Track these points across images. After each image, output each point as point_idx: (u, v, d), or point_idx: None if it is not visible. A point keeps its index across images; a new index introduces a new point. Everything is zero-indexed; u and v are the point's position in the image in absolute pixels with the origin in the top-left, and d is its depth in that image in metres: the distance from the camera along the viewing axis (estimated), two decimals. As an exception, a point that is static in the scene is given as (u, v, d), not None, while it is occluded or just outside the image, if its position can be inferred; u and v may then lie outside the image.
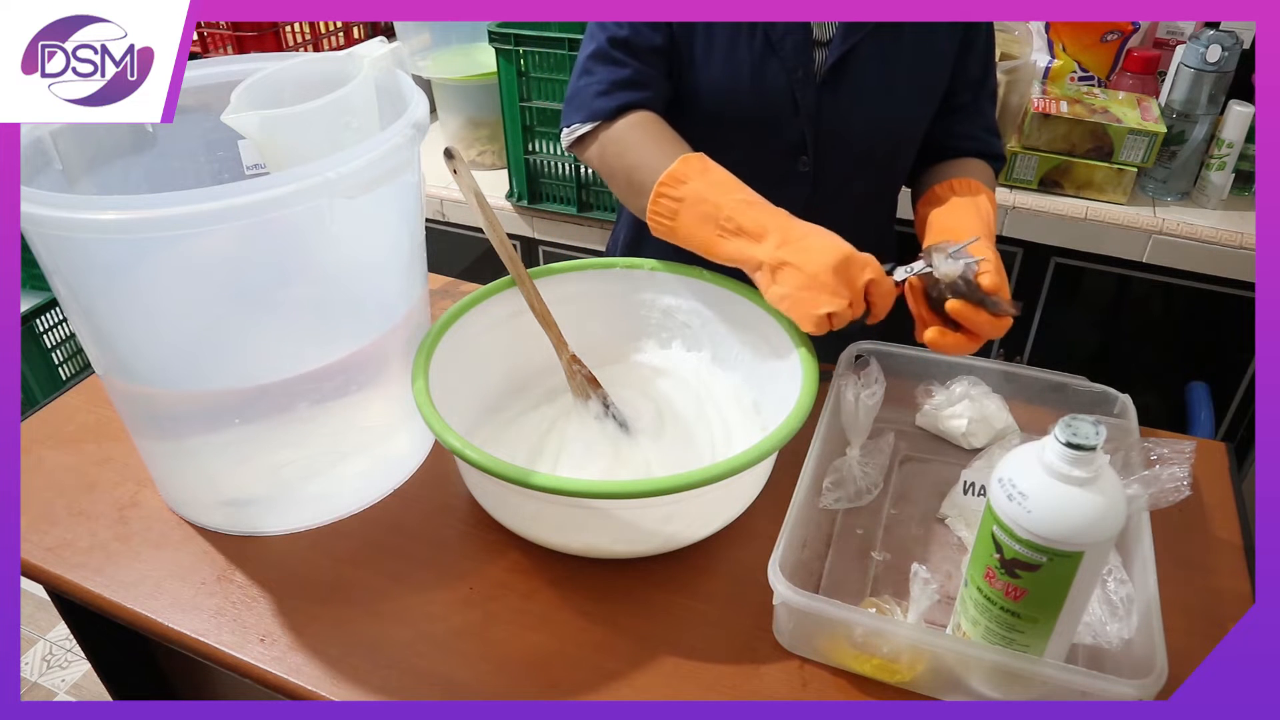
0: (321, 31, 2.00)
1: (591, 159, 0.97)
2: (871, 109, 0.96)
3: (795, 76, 0.93)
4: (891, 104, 0.97)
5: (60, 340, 2.01)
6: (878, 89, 0.95)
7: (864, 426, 0.86)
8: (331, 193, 0.66)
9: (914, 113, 0.99)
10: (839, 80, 0.94)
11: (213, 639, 0.74)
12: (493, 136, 1.82)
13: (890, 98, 0.96)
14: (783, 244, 0.79)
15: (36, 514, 0.85)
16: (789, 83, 0.93)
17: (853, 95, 0.95)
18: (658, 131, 0.91)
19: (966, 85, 1.01)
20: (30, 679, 1.77)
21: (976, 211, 0.90)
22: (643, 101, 0.94)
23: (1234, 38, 1.42)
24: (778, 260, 0.79)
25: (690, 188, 0.83)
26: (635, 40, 0.93)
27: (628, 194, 0.92)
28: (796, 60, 0.93)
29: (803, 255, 0.78)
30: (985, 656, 0.65)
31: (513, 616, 0.76)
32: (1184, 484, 0.70)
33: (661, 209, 0.85)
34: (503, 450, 0.79)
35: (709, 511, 0.78)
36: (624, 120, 0.93)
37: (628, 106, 0.93)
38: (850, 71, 0.94)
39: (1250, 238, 1.42)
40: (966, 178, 0.95)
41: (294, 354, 0.77)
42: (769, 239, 0.80)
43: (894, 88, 0.96)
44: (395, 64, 0.84)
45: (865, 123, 0.97)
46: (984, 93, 1.03)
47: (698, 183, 0.84)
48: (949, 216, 0.90)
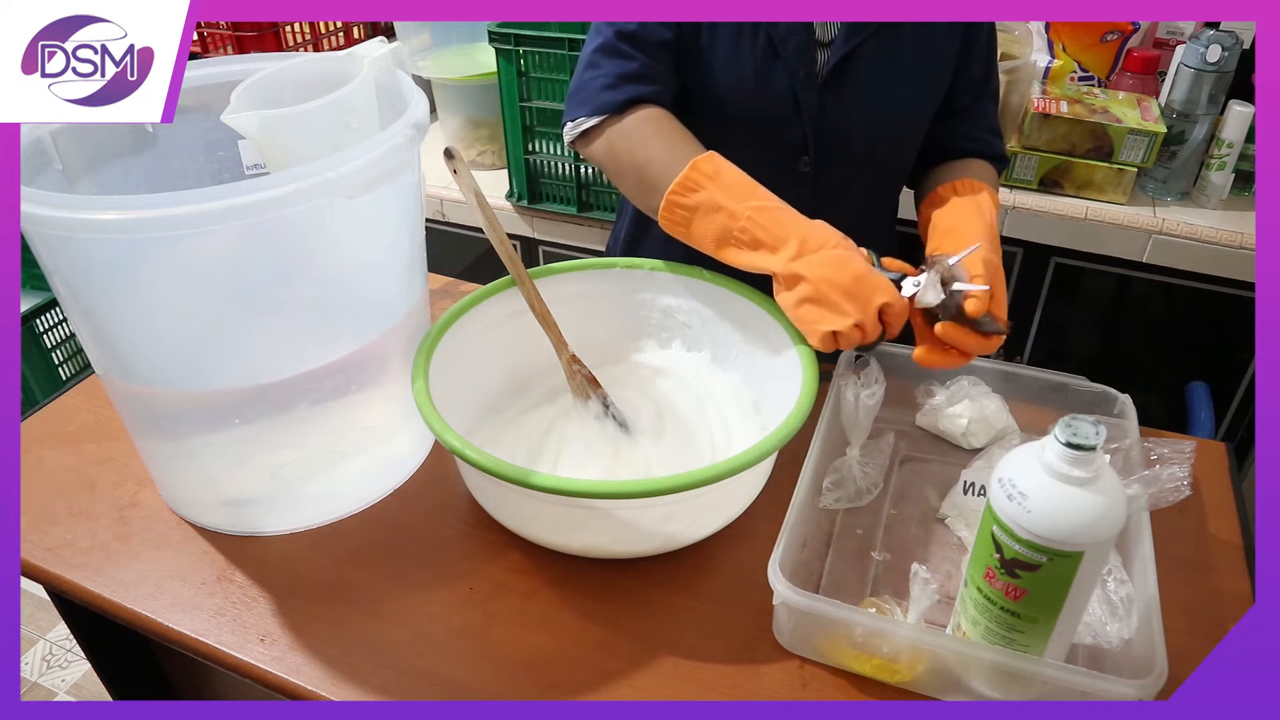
0: (321, 31, 2.00)
1: (597, 154, 0.95)
2: (873, 109, 0.96)
3: (797, 77, 0.93)
4: (893, 104, 0.97)
5: (60, 340, 2.01)
6: (879, 90, 0.95)
7: (864, 426, 0.86)
8: (331, 193, 0.66)
9: (915, 113, 0.99)
10: (841, 81, 0.94)
11: (213, 639, 0.74)
12: (493, 136, 1.82)
13: (892, 98, 0.96)
14: (798, 256, 0.78)
15: (36, 514, 0.85)
16: (791, 84, 0.93)
17: (854, 96, 0.95)
18: (669, 127, 0.90)
19: (968, 86, 1.01)
20: (30, 679, 1.77)
21: (979, 212, 0.90)
22: (651, 96, 0.92)
23: (1234, 38, 1.42)
24: (791, 273, 0.78)
25: (702, 195, 0.83)
26: (644, 34, 0.92)
27: (638, 192, 0.91)
28: (799, 61, 0.93)
29: (816, 270, 0.77)
30: (985, 656, 0.65)
31: (513, 616, 0.76)
32: (1184, 484, 0.70)
33: (675, 218, 0.85)
34: (503, 450, 0.79)
35: (709, 511, 0.78)
36: (633, 115, 0.91)
37: (636, 100, 0.91)
38: (852, 72, 0.94)
39: (1250, 238, 1.42)
40: (969, 178, 0.95)
41: (294, 354, 0.77)
42: (784, 250, 0.79)
43: (895, 88, 0.96)
44: (395, 64, 0.84)
45: (867, 123, 0.97)
46: (986, 93, 1.03)
47: (710, 189, 0.83)
48: (951, 217, 0.90)
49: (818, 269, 0.77)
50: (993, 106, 1.05)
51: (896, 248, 1.15)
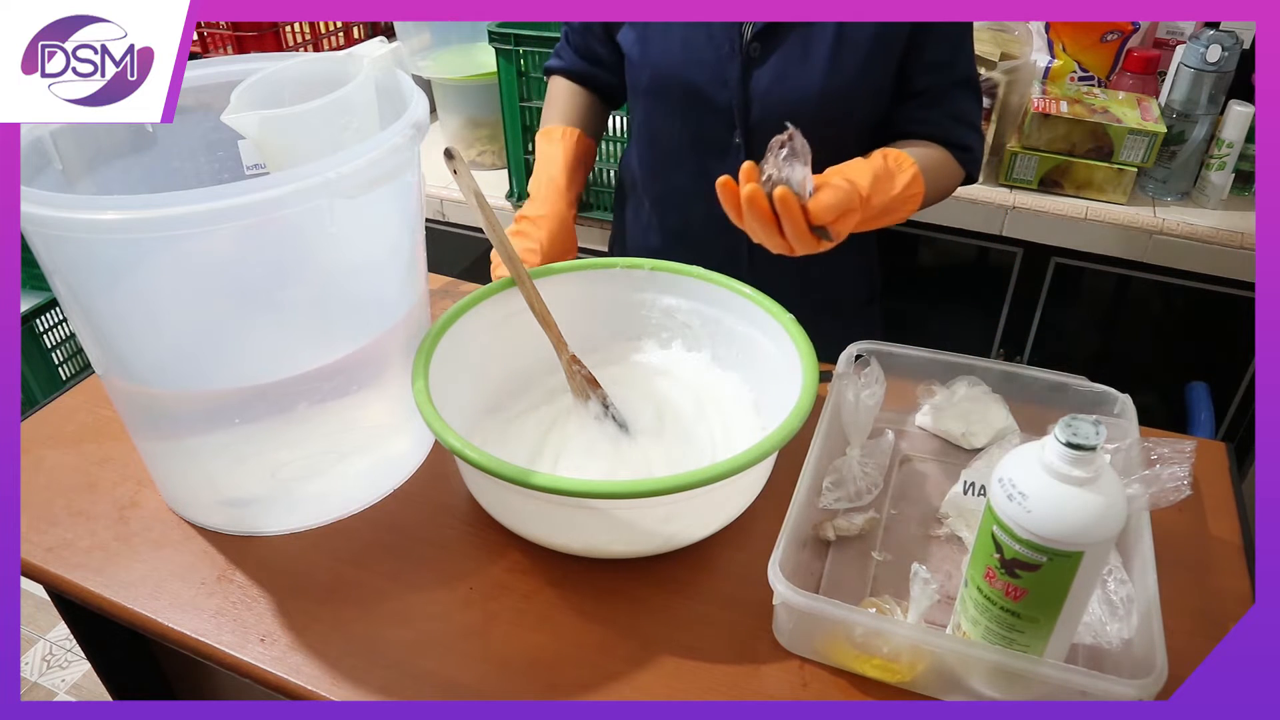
0: (321, 31, 2.00)
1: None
2: (798, 83, 0.95)
3: (722, 50, 0.95)
4: (820, 79, 0.95)
5: (60, 340, 2.01)
6: (804, 63, 0.94)
7: (864, 426, 0.86)
8: (331, 193, 0.66)
9: (849, 89, 0.96)
10: (765, 54, 0.95)
11: (213, 639, 0.74)
12: (493, 136, 1.82)
13: (818, 73, 0.95)
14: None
15: (36, 514, 0.85)
16: (716, 55, 0.95)
17: (778, 68, 0.95)
18: (554, 94, 1.15)
19: (926, 69, 0.98)
20: (30, 679, 1.77)
21: (868, 159, 0.88)
22: (559, 69, 1.16)
23: (1234, 38, 1.42)
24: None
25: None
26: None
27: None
28: (724, 32, 0.95)
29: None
30: (985, 656, 0.65)
31: (513, 616, 0.76)
32: (1184, 484, 0.69)
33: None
34: (503, 450, 0.79)
35: (709, 511, 0.78)
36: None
37: (550, 71, 1.18)
38: (775, 43, 0.94)
39: (1250, 238, 1.42)
40: (898, 150, 0.92)
41: (294, 354, 0.77)
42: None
43: (822, 63, 0.94)
44: (395, 64, 0.84)
45: (793, 98, 0.96)
46: (951, 79, 0.99)
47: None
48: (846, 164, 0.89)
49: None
50: (964, 95, 1.01)
51: (873, 240, 1.15)
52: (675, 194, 1.11)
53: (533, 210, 1.05)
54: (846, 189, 0.80)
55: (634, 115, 1.12)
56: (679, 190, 1.10)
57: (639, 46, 1.03)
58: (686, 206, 1.10)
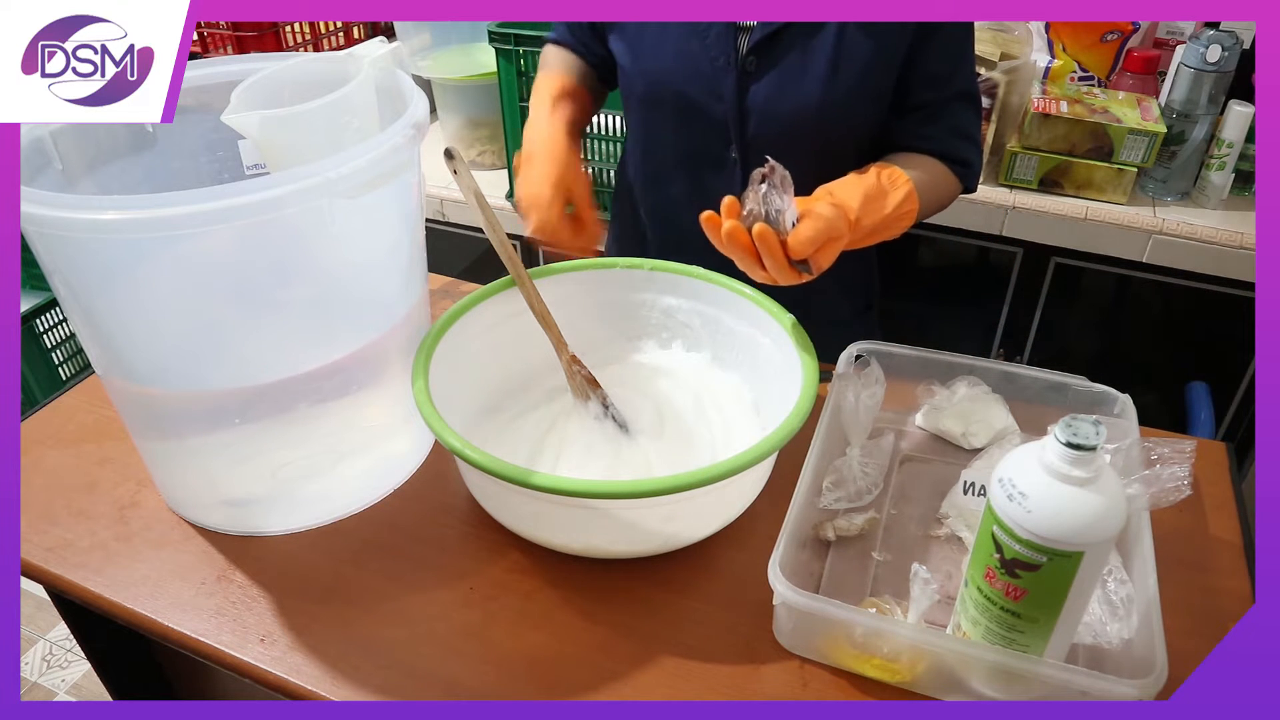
0: (321, 31, 2.00)
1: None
2: (795, 96, 0.94)
3: (717, 64, 0.94)
4: (817, 92, 0.94)
5: (60, 340, 2.01)
6: (801, 76, 0.93)
7: (864, 426, 0.86)
8: (331, 193, 0.66)
9: (846, 103, 0.95)
10: (761, 66, 0.94)
11: (213, 639, 0.74)
12: (493, 136, 1.82)
13: (816, 86, 0.93)
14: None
15: (36, 514, 0.85)
16: (711, 67, 0.94)
17: (775, 82, 0.94)
18: (548, 58, 1.11)
19: (926, 82, 0.96)
20: (30, 679, 1.77)
21: (860, 178, 0.87)
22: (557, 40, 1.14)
23: (1234, 38, 1.42)
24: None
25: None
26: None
27: None
28: (719, 45, 0.94)
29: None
30: (985, 656, 0.65)
31: (513, 616, 0.76)
32: (1184, 484, 0.69)
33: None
34: (503, 450, 0.79)
35: (709, 511, 0.78)
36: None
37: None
38: (771, 57, 0.93)
39: (1250, 238, 1.42)
40: (894, 166, 0.90)
41: (294, 354, 0.77)
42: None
43: (820, 76, 0.93)
44: (395, 64, 0.84)
45: (790, 111, 0.95)
46: (952, 92, 0.98)
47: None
48: (836, 183, 0.88)
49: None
50: (965, 109, 0.99)
51: (871, 250, 1.14)
52: (670, 205, 1.09)
53: (525, 146, 0.99)
54: (828, 218, 0.78)
55: (629, 123, 1.10)
56: (674, 202, 1.08)
57: (629, 55, 1.01)
58: (681, 219, 1.07)
